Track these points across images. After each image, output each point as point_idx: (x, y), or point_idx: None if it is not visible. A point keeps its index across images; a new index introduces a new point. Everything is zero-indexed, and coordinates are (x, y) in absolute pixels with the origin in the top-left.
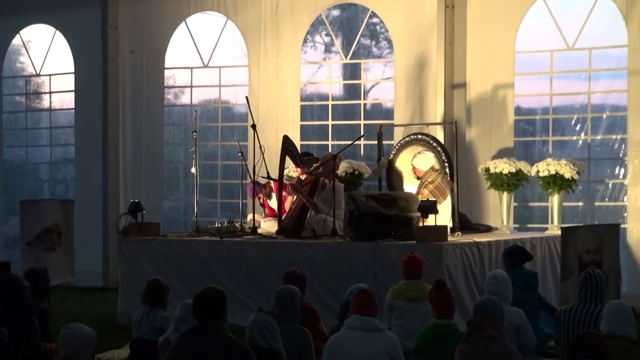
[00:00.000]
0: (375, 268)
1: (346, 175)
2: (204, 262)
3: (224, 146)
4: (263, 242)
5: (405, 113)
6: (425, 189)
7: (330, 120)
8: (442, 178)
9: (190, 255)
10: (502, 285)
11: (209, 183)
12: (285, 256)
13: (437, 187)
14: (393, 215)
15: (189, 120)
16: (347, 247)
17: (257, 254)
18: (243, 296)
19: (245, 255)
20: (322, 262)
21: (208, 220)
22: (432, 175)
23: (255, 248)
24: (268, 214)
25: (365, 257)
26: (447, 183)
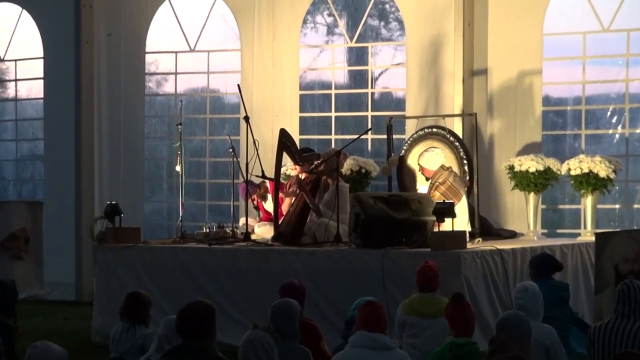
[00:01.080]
0: (385, 279)
1: (351, 174)
2: (190, 273)
3: (213, 141)
4: (257, 250)
5: (418, 103)
6: (436, 190)
7: (334, 111)
8: (454, 177)
9: (175, 265)
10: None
11: (195, 183)
12: (283, 266)
13: (449, 187)
14: (405, 219)
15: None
16: (353, 255)
17: (250, 263)
18: (234, 311)
19: (237, 265)
20: (324, 272)
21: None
22: (442, 175)
23: (248, 256)
24: (263, 218)
25: (374, 267)
26: (460, 182)
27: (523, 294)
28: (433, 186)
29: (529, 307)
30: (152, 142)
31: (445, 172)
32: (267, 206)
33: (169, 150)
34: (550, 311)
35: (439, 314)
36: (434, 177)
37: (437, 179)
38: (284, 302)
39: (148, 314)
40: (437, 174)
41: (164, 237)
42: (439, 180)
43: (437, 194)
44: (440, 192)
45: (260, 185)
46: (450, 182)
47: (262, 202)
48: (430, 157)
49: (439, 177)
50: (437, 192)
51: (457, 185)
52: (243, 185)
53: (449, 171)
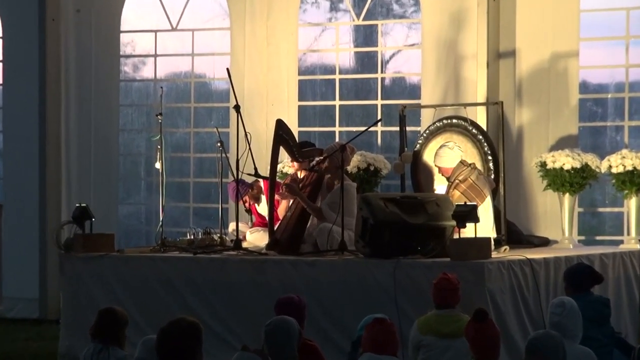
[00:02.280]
0: (397, 294)
1: (359, 172)
2: (172, 286)
3: (199, 134)
4: (249, 260)
5: (435, 90)
6: (455, 189)
7: (338, 99)
8: (477, 174)
9: (155, 277)
10: (570, 316)
11: (178, 182)
12: (279, 278)
13: (470, 186)
14: (420, 225)
15: (153, 99)
16: (360, 266)
17: (241, 276)
18: (223, 330)
19: (226, 277)
20: (326, 285)
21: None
22: (463, 172)
23: (239, 267)
24: (256, 223)
25: (384, 280)
26: (484, 181)
27: (559, 309)
28: (452, 184)
29: (566, 325)
30: (128, 135)
31: (466, 168)
32: (261, 209)
33: (147, 145)
34: (589, 331)
35: (459, 334)
36: (453, 174)
37: (456, 176)
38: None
39: (123, 333)
40: (456, 170)
41: (141, 245)
42: (459, 178)
43: (457, 193)
44: (460, 190)
45: (252, 185)
46: (472, 180)
47: (255, 204)
48: (445, 154)
49: (458, 174)
50: (457, 190)
51: (480, 184)
52: (233, 185)
53: (471, 167)
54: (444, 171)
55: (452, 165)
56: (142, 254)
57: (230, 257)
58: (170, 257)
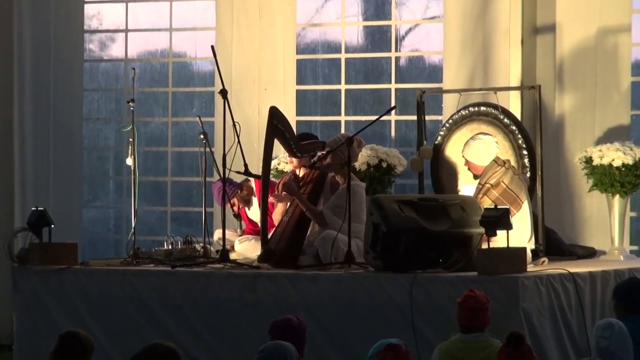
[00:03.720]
0: (414, 314)
1: (368, 170)
2: (146, 305)
3: (178, 124)
4: (238, 275)
5: (460, 72)
6: (485, 196)
7: (344, 83)
8: (511, 175)
9: (125, 295)
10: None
11: (154, 182)
12: (274, 296)
13: (504, 192)
14: (442, 232)
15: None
16: (370, 281)
17: (229, 293)
18: (207, 358)
19: (210, 295)
20: (330, 305)
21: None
22: (496, 173)
23: (226, 283)
24: (246, 230)
25: (399, 298)
26: (519, 183)
27: (607, 332)
28: (482, 188)
29: (614, 351)
30: (94, 126)
31: (499, 168)
32: (252, 214)
33: (117, 137)
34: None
35: None
36: (484, 175)
37: (487, 179)
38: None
39: None
40: (488, 171)
41: (109, 257)
42: (491, 182)
43: (487, 201)
44: (492, 198)
45: (242, 186)
46: (506, 184)
47: (245, 208)
48: (479, 147)
49: (490, 176)
50: (488, 198)
51: (516, 188)
52: (219, 185)
53: (506, 167)
54: (474, 167)
55: (484, 162)
56: (110, 267)
57: (216, 271)
58: (144, 270)
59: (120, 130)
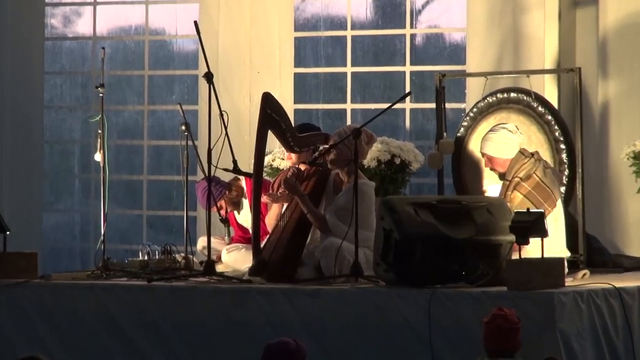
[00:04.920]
0: (433, 336)
1: (379, 167)
2: (117, 326)
3: (155, 113)
4: (226, 290)
5: (486, 52)
6: (515, 190)
7: (350, 65)
8: (543, 168)
9: (93, 313)
10: None
11: (127, 181)
12: (268, 315)
13: (537, 186)
14: (465, 240)
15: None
16: (381, 298)
17: (215, 312)
18: None
19: (193, 314)
20: (334, 325)
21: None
22: (525, 165)
23: (211, 300)
24: (235, 238)
25: (414, 317)
26: (553, 178)
27: None
28: (510, 184)
29: None
30: (57, 115)
31: (528, 160)
32: (242, 218)
33: (83, 128)
34: None
35: None
36: (511, 169)
37: (516, 172)
38: None
39: None
40: (515, 163)
41: (75, 269)
42: (520, 175)
43: (518, 197)
44: (522, 192)
45: (231, 186)
46: (539, 176)
47: (234, 212)
48: (503, 138)
49: (519, 169)
50: (518, 192)
51: (550, 183)
52: (204, 185)
53: (535, 158)
54: (495, 163)
55: (507, 155)
56: (75, 281)
57: (200, 286)
58: (115, 285)
59: (88, 121)
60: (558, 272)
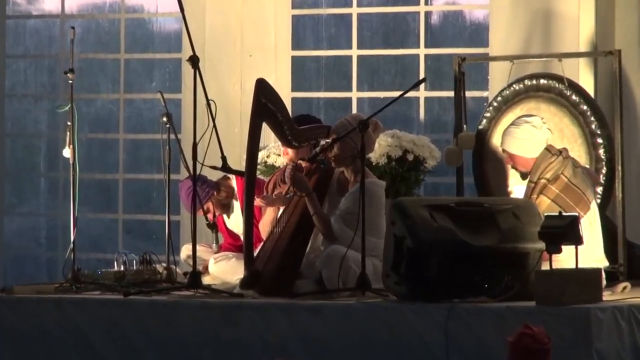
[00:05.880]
0: (450, 358)
1: (389, 164)
2: (89, 345)
3: (133, 103)
4: (214, 305)
5: (512, 34)
6: (542, 195)
7: (356, 47)
8: (572, 167)
9: (62, 331)
10: None
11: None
12: (262, 333)
13: (566, 187)
14: (487, 248)
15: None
16: (392, 314)
17: (202, 330)
18: None
19: (176, 332)
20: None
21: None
22: (552, 164)
23: (197, 316)
24: (224, 245)
25: (430, 335)
26: (584, 178)
27: None
28: (536, 187)
29: None
30: (20, 105)
31: (555, 158)
32: (232, 223)
33: (50, 120)
34: None
35: None
36: (537, 170)
37: (542, 173)
38: None
39: None
40: (541, 163)
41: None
42: (547, 176)
43: (545, 202)
44: (550, 196)
45: (219, 186)
46: (567, 177)
47: (222, 215)
48: (527, 133)
49: (545, 169)
50: (545, 197)
51: (580, 183)
52: (188, 184)
53: (563, 156)
54: (517, 162)
55: (530, 154)
56: (41, 294)
57: (184, 301)
58: (87, 299)
59: (55, 111)
60: (595, 285)
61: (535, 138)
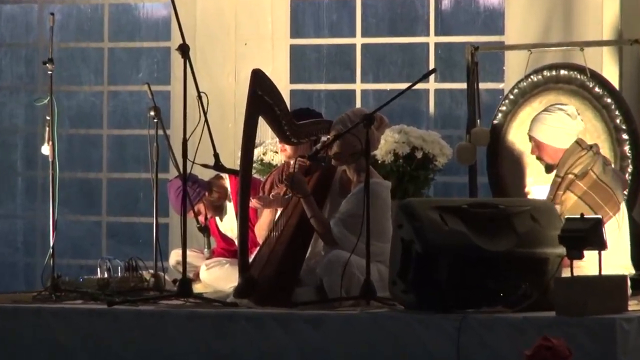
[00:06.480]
0: None
1: (396, 162)
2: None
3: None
4: (206, 315)
5: (529, 21)
6: (569, 190)
7: (359, 35)
8: (602, 164)
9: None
10: None
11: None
12: (258, 346)
13: (595, 185)
14: (503, 254)
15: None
16: (399, 325)
17: (193, 342)
18: None
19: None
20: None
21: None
22: (582, 159)
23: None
24: (217, 251)
25: (440, 348)
26: (614, 176)
27: None
28: (562, 182)
29: None
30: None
31: (585, 153)
32: (226, 226)
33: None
34: None
35: None
36: (564, 163)
37: (570, 167)
38: None
39: None
40: (569, 157)
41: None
42: (575, 171)
43: (572, 198)
44: (577, 193)
45: (211, 186)
46: (596, 173)
47: (215, 218)
48: (559, 121)
49: (573, 163)
50: (572, 193)
51: (610, 182)
52: (177, 184)
53: (594, 152)
54: (544, 151)
55: (560, 144)
56: (18, 304)
57: (173, 311)
58: (67, 309)
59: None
60: (620, 294)
61: (568, 127)
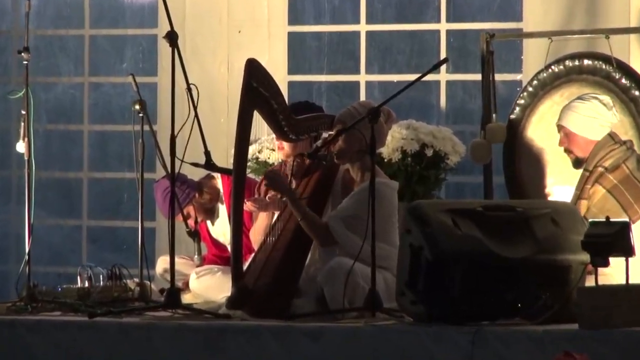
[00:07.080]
0: None
1: (404, 160)
2: None
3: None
4: (196, 328)
5: (550, 6)
6: (597, 184)
7: (364, 22)
8: (636, 161)
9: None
10: None
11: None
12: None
13: (626, 179)
14: (521, 261)
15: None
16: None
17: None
18: None
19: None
20: None
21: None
22: (614, 152)
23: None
24: (208, 257)
25: None
26: None
27: None
28: (591, 176)
29: None
30: None
31: (618, 147)
32: (217, 231)
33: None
34: None
35: None
36: (594, 156)
37: (600, 160)
38: None
39: None
40: (600, 150)
41: None
42: (605, 164)
43: (600, 192)
44: (606, 186)
45: (202, 186)
46: (629, 168)
47: (205, 222)
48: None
49: (604, 157)
50: (600, 186)
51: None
52: (165, 185)
53: (628, 147)
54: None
55: (592, 135)
56: None
57: (160, 323)
58: (44, 321)
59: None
60: None
61: (602, 118)
